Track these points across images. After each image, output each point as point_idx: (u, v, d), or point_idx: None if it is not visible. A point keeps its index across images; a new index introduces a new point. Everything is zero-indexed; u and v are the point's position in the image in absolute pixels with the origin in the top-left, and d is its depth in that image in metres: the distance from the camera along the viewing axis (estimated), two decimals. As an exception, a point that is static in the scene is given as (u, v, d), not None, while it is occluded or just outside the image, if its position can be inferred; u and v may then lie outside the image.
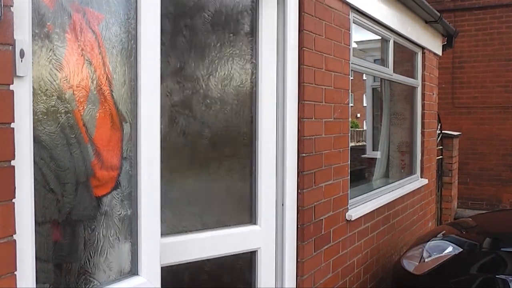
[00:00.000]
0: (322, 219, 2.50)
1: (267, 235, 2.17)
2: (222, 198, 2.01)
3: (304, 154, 2.31)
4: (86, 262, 1.36)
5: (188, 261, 1.82)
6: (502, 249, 2.78)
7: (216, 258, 1.91)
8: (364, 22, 3.14)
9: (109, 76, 1.40)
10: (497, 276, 2.59)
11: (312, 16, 2.37)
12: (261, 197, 2.12)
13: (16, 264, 1.09)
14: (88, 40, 1.34)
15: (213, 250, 1.92)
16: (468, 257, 2.82)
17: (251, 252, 2.09)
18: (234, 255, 2.01)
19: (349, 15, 2.79)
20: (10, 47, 1.06)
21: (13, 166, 1.07)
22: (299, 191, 2.31)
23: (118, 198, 1.44)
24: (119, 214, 1.44)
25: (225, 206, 2.03)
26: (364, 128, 5.39)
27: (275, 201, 2.20)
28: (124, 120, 1.45)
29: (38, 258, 1.18)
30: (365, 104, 6.15)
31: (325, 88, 2.50)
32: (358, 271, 2.96)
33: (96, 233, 1.38)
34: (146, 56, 1.47)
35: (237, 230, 2.04)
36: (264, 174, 2.12)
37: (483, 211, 5.61)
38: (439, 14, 4.28)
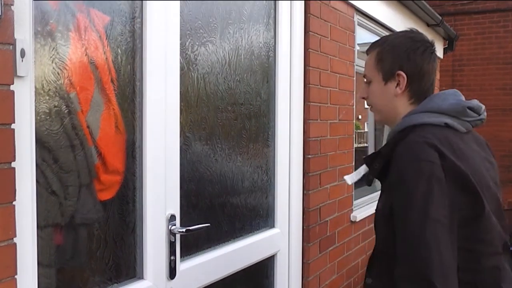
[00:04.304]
0: (327, 221, 2.51)
1: (284, 238, 2.18)
2: (249, 202, 2.00)
3: (309, 156, 2.32)
4: (89, 266, 1.34)
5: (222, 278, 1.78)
6: None
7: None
8: (369, 24, 3.16)
9: (113, 76, 1.38)
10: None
11: (318, 17, 2.38)
12: (279, 199, 2.14)
13: (16, 268, 1.06)
14: (93, 39, 1.31)
15: (244, 261, 1.90)
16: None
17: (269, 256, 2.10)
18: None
19: (354, 17, 2.81)
20: (11, 46, 1.04)
21: (14, 168, 1.05)
22: (304, 192, 2.32)
23: (123, 202, 1.42)
24: (124, 219, 1.43)
25: (251, 210, 2.02)
26: (366, 130, 5.42)
27: (288, 203, 2.22)
28: (128, 122, 1.43)
29: (39, 263, 1.15)
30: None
31: (330, 90, 2.52)
32: (362, 272, 2.97)
33: (100, 237, 1.36)
34: (152, 56, 1.45)
35: (264, 235, 2.04)
36: (280, 176, 2.14)
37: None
38: (440, 18, 4.31)
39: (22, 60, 1.06)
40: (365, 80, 1.27)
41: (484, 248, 1.10)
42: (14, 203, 1.06)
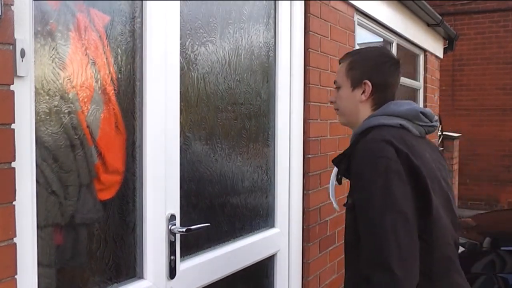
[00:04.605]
0: (327, 220, 2.51)
1: (284, 237, 2.18)
2: (249, 202, 2.00)
3: (309, 155, 2.32)
4: (89, 266, 1.33)
5: (222, 277, 1.78)
6: (502, 248, 2.81)
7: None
8: (369, 24, 3.16)
9: (113, 76, 1.38)
10: (497, 274, 2.63)
11: (318, 17, 2.38)
12: (279, 198, 2.14)
13: (16, 268, 1.06)
14: (92, 38, 1.31)
15: (244, 260, 1.89)
16: (469, 256, 2.86)
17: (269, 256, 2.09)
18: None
19: (354, 17, 2.81)
20: (11, 46, 1.03)
21: (14, 168, 1.05)
22: (304, 192, 2.32)
23: (123, 202, 1.42)
24: (124, 219, 1.43)
25: (251, 210, 2.01)
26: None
27: (288, 203, 2.22)
28: (129, 122, 1.43)
29: (39, 263, 1.15)
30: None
31: (330, 90, 2.52)
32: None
33: (100, 237, 1.36)
34: (152, 56, 1.45)
35: (264, 234, 2.04)
36: (280, 175, 2.14)
37: (482, 211, 5.65)
38: (440, 17, 4.31)
39: (22, 60, 1.06)
40: (335, 85, 1.41)
41: (436, 239, 1.19)
42: (14, 203, 1.06)
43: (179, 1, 1.57)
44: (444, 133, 6.18)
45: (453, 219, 1.27)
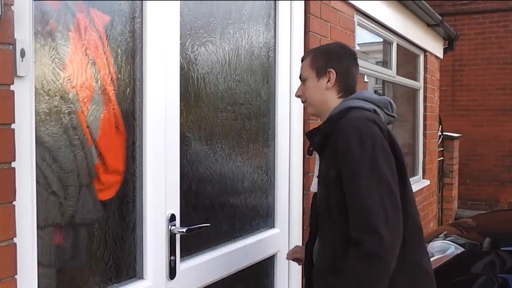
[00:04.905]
0: (327, 220, 2.51)
1: (284, 238, 2.18)
2: (249, 202, 2.00)
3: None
4: (89, 266, 1.33)
5: (223, 277, 1.78)
6: (502, 248, 2.81)
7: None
8: (368, 25, 3.16)
9: (113, 76, 1.38)
10: (497, 274, 2.63)
11: (318, 18, 2.38)
12: (279, 198, 2.14)
13: (16, 268, 1.06)
14: (92, 38, 1.31)
15: (244, 260, 1.89)
16: (469, 256, 2.86)
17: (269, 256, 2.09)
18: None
19: (354, 17, 2.81)
20: (11, 46, 1.04)
21: (14, 168, 1.05)
22: (304, 192, 2.32)
23: (123, 202, 1.42)
24: (124, 219, 1.42)
25: (251, 210, 2.01)
26: (366, 130, 5.44)
27: (288, 203, 2.22)
28: (128, 122, 1.43)
29: (39, 263, 1.15)
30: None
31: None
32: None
33: (100, 237, 1.36)
34: (152, 56, 1.45)
35: (264, 235, 2.04)
36: (280, 175, 2.14)
37: (482, 211, 5.65)
38: (440, 18, 4.32)
39: (22, 60, 1.06)
40: (300, 80, 1.50)
41: (412, 209, 1.32)
42: (14, 203, 1.06)
43: (179, 1, 1.57)
44: (444, 133, 6.17)
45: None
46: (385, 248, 1.17)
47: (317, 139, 1.38)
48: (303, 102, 1.51)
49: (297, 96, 1.52)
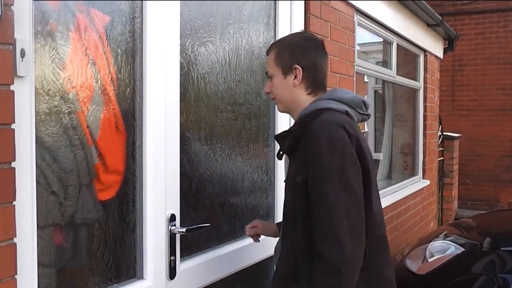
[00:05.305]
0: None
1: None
2: (249, 202, 2.00)
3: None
4: (89, 266, 1.33)
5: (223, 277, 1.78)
6: (502, 248, 2.81)
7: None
8: (369, 25, 3.16)
9: (113, 76, 1.38)
10: (497, 275, 2.63)
11: (318, 18, 2.38)
12: (279, 198, 2.14)
13: (16, 268, 1.06)
14: (92, 38, 1.31)
15: (244, 260, 1.89)
16: (469, 256, 2.86)
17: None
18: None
19: (354, 17, 2.81)
20: (11, 46, 1.04)
21: (14, 168, 1.05)
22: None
23: (123, 202, 1.42)
24: (124, 219, 1.42)
25: (251, 210, 2.00)
26: (366, 130, 5.42)
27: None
28: (128, 122, 1.43)
29: (39, 263, 1.15)
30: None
31: (330, 90, 2.52)
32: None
33: (100, 237, 1.36)
34: (152, 56, 1.45)
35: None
36: (280, 175, 2.14)
37: (482, 211, 5.65)
38: (440, 18, 4.32)
39: (22, 60, 1.06)
40: (267, 76, 1.43)
41: (374, 217, 1.28)
42: (14, 203, 1.06)
43: (179, 1, 1.57)
44: (444, 133, 6.17)
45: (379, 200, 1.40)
46: (349, 261, 1.15)
47: (287, 143, 1.33)
48: (272, 99, 1.45)
49: (266, 92, 1.45)
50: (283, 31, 2.16)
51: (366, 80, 5.19)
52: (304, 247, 1.25)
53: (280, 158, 1.44)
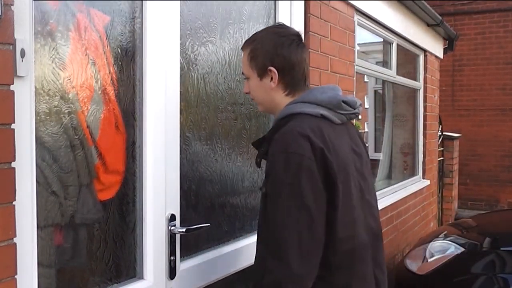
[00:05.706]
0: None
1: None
2: (249, 202, 2.00)
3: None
4: (89, 266, 1.33)
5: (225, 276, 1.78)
6: (501, 248, 2.82)
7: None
8: (369, 25, 3.16)
9: (113, 76, 1.38)
10: (497, 275, 2.63)
11: (318, 18, 2.38)
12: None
13: (16, 268, 1.06)
14: (92, 38, 1.31)
15: (244, 260, 1.86)
16: (469, 257, 2.87)
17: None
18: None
19: (354, 17, 2.81)
20: (11, 46, 1.04)
21: (14, 168, 1.05)
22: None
23: (123, 202, 1.42)
24: (124, 219, 1.42)
25: (251, 210, 2.00)
26: (366, 130, 5.43)
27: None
28: (129, 122, 1.43)
29: (39, 263, 1.15)
30: (366, 106, 6.19)
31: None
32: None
33: (100, 237, 1.36)
34: (152, 56, 1.45)
35: None
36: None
37: (482, 211, 5.66)
38: (440, 18, 4.32)
39: (22, 60, 1.06)
40: (244, 77, 1.37)
41: (340, 232, 1.19)
42: (14, 203, 1.06)
43: (179, 1, 1.57)
44: (444, 133, 6.18)
45: (369, 209, 1.31)
46: (294, 280, 1.11)
47: (263, 150, 1.29)
48: (252, 98, 1.39)
49: (246, 93, 1.39)
50: (283, 31, 2.16)
51: (366, 80, 5.19)
52: None
53: (258, 165, 1.37)
